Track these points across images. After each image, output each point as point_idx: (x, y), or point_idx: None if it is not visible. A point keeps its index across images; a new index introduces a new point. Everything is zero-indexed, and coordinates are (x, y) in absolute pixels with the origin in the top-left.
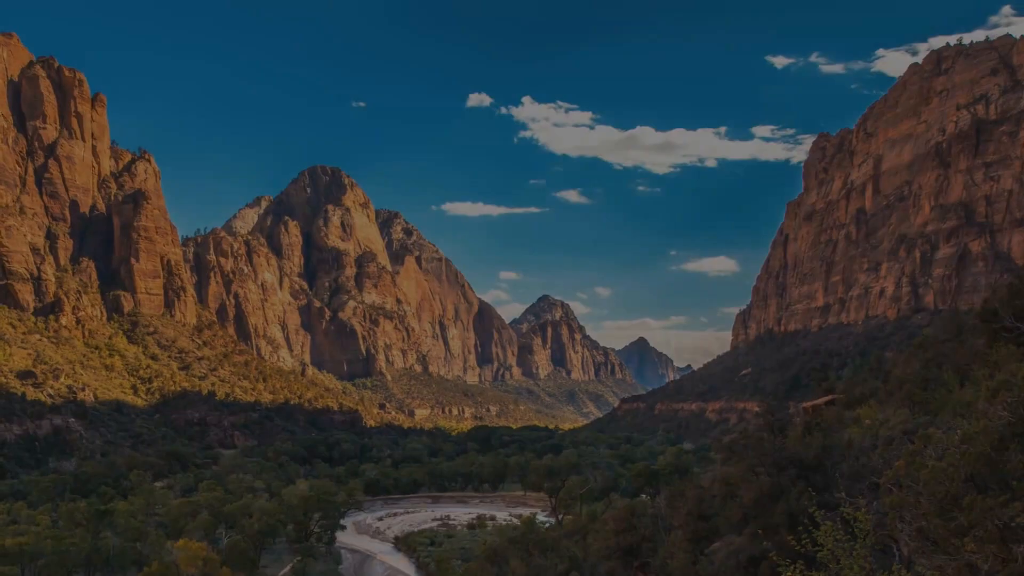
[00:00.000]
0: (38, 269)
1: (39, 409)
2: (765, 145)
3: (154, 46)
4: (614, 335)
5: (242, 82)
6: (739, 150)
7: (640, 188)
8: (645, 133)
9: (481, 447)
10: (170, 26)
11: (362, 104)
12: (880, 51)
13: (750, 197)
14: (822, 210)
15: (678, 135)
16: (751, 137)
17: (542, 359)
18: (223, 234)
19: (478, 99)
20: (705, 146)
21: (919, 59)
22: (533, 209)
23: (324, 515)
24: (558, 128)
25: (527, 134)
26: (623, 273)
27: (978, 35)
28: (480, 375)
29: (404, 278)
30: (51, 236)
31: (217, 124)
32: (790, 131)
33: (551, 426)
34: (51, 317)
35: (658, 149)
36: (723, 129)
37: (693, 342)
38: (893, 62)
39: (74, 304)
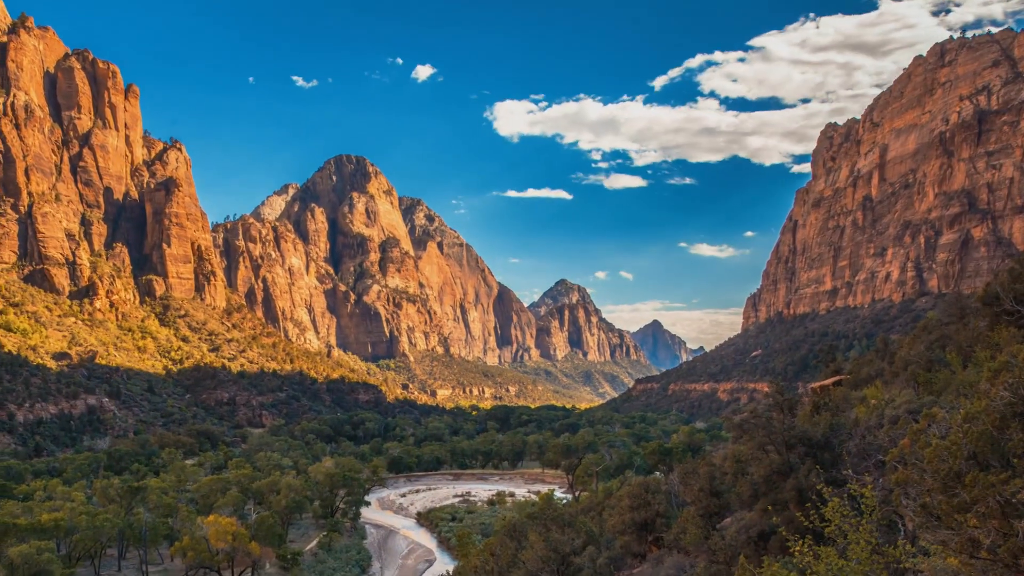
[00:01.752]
0: (73, 254)
1: (74, 389)
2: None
3: (185, 39)
4: (629, 317)
5: (270, 72)
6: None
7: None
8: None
9: (501, 426)
10: (199, 20)
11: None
12: (811, 15)
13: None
14: (830, 197)
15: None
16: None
17: (559, 341)
18: (252, 220)
19: (425, 71)
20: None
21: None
22: (561, 193)
23: (349, 491)
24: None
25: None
26: (637, 256)
27: None
28: (500, 356)
29: (426, 263)
30: (85, 222)
31: (246, 114)
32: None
33: (568, 406)
34: (85, 300)
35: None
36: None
37: (705, 324)
38: (831, 26)
39: (108, 288)
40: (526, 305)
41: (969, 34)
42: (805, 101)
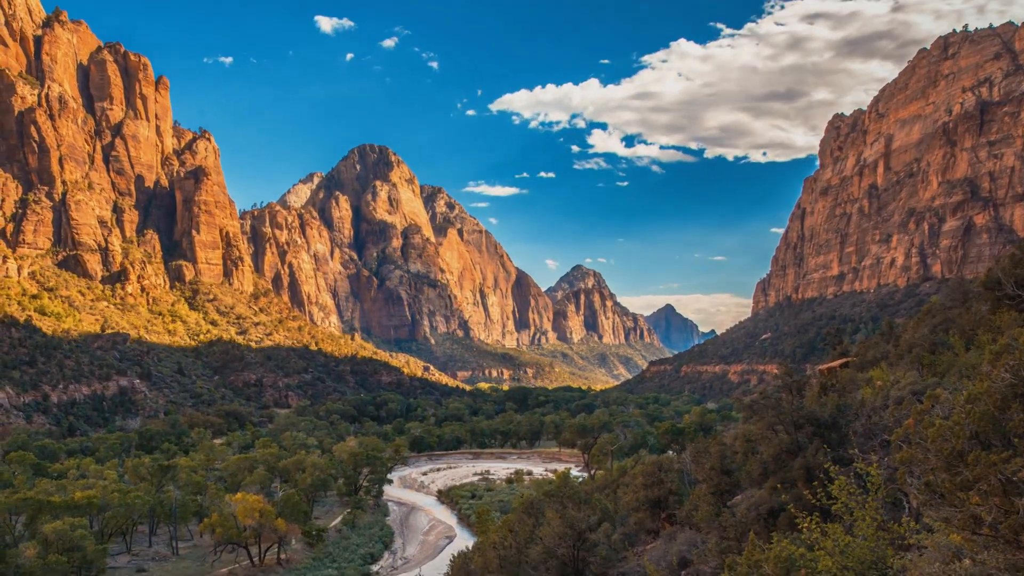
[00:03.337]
0: (105, 240)
1: (106, 371)
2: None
3: (215, 32)
4: (643, 301)
5: (296, 64)
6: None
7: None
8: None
9: (519, 407)
10: (229, 14)
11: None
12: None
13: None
14: (837, 185)
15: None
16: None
17: (575, 324)
18: (278, 208)
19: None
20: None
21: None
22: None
23: (372, 470)
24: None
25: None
26: (651, 242)
27: None
28: (518, 340)
29: (447, 249)
30: (117, 210)
31: (272, 105)
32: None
33: (584, 387)
34: (117, 285)
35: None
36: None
37: (716, 308)
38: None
39: (139, 273)
40: (543, 289)
41: (972, 27)
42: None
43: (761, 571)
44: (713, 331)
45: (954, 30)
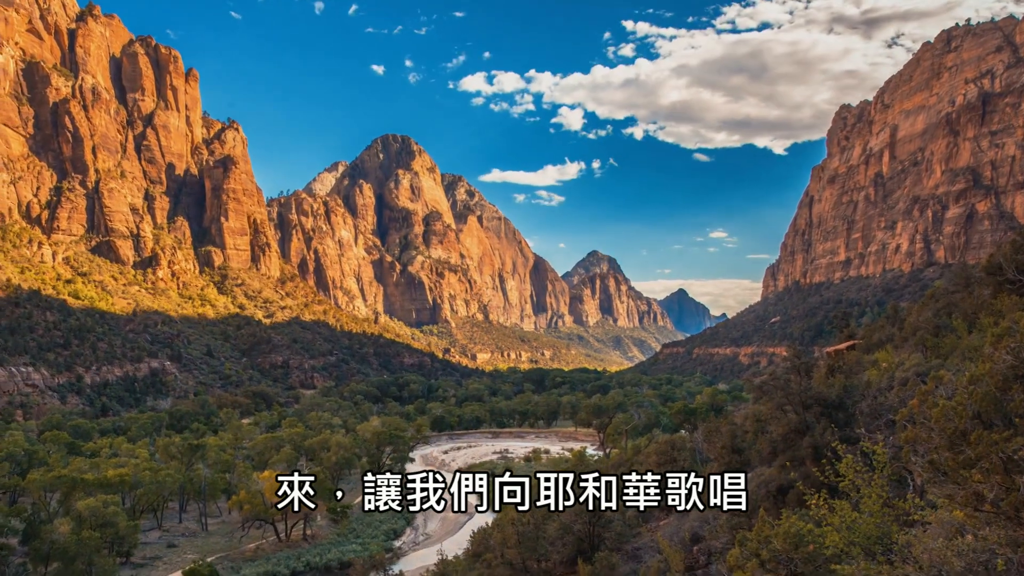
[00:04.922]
0: (137, 227)
1: (138, 353)
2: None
3: (243, 26)
4: (657, 286)
5: (322, 58)
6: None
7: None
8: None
9: (536, 388)
10: (255, 8)
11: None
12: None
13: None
14: (844, 174)
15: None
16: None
17: (591, 308)
18: (304, 195)
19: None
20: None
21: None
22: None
23: (395, 449)
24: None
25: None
26: (662, 229)
27: None
28: (535, 323)
29: (467, 235)
30: (149, 197)
31: (300, 96)
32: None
33: (599, 369)
34: (149, 270)
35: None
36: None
37: (728, 292)
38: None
39: (169, 259)
40: (560, 274)
41: (974, 22)
42: None
43: (771, 546)
44: (724, 315)
45: (956, 24)
